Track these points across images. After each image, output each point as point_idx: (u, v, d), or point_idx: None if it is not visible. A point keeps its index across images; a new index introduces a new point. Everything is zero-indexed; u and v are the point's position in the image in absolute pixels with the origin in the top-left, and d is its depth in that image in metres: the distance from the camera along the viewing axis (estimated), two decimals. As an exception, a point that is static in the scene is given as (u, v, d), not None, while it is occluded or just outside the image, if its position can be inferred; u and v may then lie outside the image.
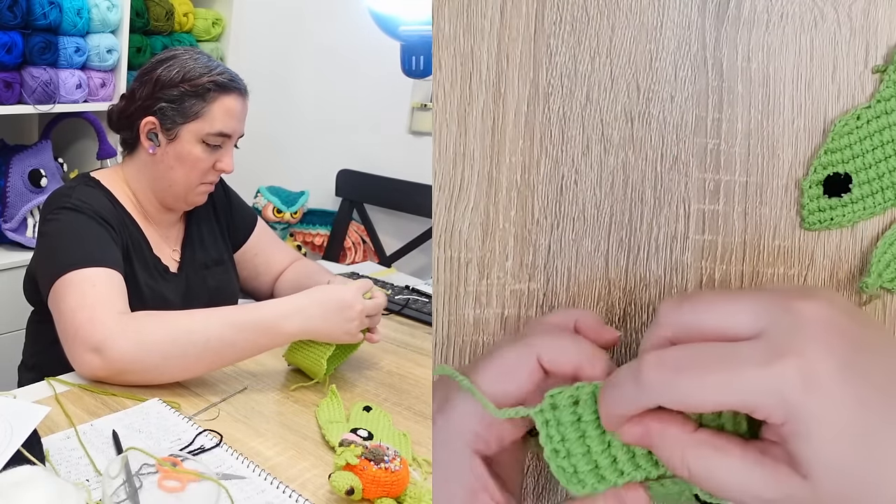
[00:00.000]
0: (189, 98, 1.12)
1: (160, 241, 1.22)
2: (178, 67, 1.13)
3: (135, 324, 0.96)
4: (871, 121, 0.60)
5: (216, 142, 1.14)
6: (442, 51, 0.57)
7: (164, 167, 1.16)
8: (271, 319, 0.99)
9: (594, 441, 0.45)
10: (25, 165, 1.85)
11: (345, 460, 0.76)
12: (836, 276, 0.61)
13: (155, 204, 1.20)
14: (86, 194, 1.12)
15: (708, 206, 0.60)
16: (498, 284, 0.59)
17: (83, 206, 1.09)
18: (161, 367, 0.95)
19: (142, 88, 1.15)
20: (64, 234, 1.06)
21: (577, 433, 0.45)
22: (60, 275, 0.99)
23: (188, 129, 1.13)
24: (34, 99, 1.78)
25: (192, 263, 1.25)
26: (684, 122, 0.59)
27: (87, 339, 0.93)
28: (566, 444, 0.45)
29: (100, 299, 0.97)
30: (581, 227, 0.59)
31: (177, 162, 1.15)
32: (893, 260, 0.60)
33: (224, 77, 1.14)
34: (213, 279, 1.28)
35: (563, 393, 0.45)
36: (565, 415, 0.45)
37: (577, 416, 0.45)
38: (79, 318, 0.95)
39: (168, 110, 1.12)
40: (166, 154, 1.15)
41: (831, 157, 0.60)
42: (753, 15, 0.59)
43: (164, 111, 1.12)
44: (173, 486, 0.63)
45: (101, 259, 1.02)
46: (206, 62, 1.15)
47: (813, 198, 0.60)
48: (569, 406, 0.45)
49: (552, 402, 0.45)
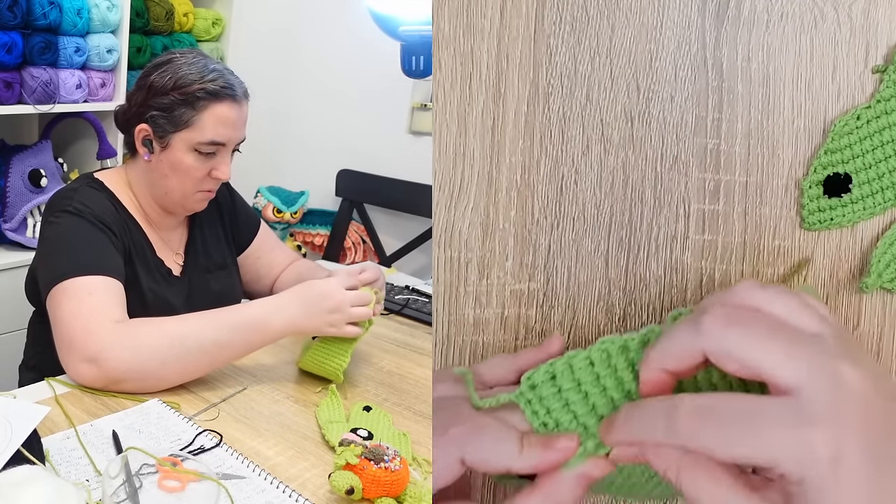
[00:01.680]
0: (179, 106, 1.09)
1: (163, 245, 1.21)
2: (170, 74, 1.10)
3: (130, 332, 0.95)
4: (871, 121, 0.60)
5: (209, 150, 1.12)
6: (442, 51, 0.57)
7: (159, 175, 1.14)
8: (260, 318, 1.00)
9: (578, 406, 0.47)
10: (25, 165, 1.85)
11: (345, 460, 0.76)
12: (836, 276, 0.61)
13: (156, 208, 1.19)
14: (88, 197, 1.11)
15: (708, 206, 0.60)
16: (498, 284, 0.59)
17: (84, 210, 1.08)
18: (159, 374, 0.95)
19: (137, 94, 1.13)
20: (63, 240, 1.05)
21: (560, 403, 0.47)
22: (57, 282, 0.99)
23: (179, 138, 1.11)
24: (34, 99, 1.78)
25: (196, 267, 1.25)
26: (684, 122, 0.59)
27: (83, 350, 0.93)
28: (553, 416, 0.47)
29: (96, 308, 0.96)
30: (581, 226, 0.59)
31: (170, 170, 1.13)
32: (893, 260, 0.60)
33: (216, 84, 1.10)
34: (217, 283, 1.27)
35: (539, 371, 0.48)
36: (545, 389, 0.48)
37: (557, 388, 0.47)
38: (74, 328, 0.94)
39: (159, 118, 1.10)
40: (160, 162, 1.13)
41: (831, 158, 0.60)
42: (753, 15, 0.59)
43: (156, 119, 1.10)
44: (173, 486, 0.63)
45: (98, 267, 1.02)
46: (200, 68, 1.11)
47: (813, 198, 0.60)
48: (547, 381, 0.48)
49: (530, 382, 0.48)
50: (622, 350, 0.47)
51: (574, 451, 0.46)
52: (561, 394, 0.47)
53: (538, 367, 0.48)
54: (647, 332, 0.48)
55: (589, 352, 0.48)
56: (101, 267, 1.02)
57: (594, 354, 0.47)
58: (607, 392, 0.47)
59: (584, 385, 0.47)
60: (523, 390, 0.48)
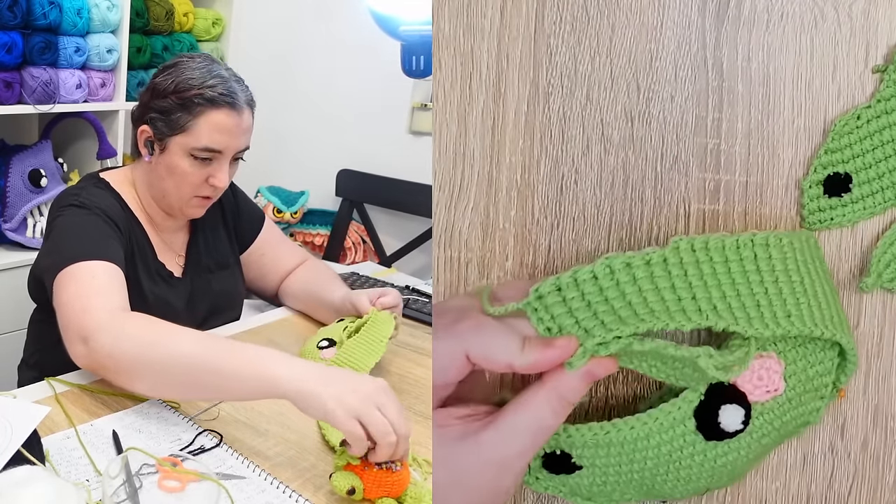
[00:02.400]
0: (177, 110, 1.09)
1: (165, 247, 1.21)
2: (173, 77, 1.10)
3: (122, 321, 0.94)
4: (871, 120, 0.60)
5: (204, 156, 1.11)
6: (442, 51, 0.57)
7: (157, 176, 1.14)
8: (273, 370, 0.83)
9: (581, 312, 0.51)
10: (25, 165, 1.85)
11: (346, 460, 0.76)
12: (837, 276, 0.61)
13: (158, 210, 1.19)
14: (95, 195, 1.12)
15: (708, 205, 0.60)
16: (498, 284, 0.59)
17: (91, 203, 1.09)
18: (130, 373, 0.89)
19: (144, 95, 1.14)
20: (69, 229, 1.06)
21: (564, 310, 0.51)
22: (63, 267, 0.99)
23: (175, 142, 1.10)
24: (34, 99, 1.77)
25: (197, 267, 1.25)
26: (684, 121, 0.59)
27: (78, 329, 0.92)
28: (556, 321, 0.51)
29: (98, 290, 0.96)
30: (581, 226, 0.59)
31: (167, 173, 1.13)
32: (893, 260, 0.60)
33: (215, 91, 1.09)
34: (218, 283, 1.27)
35: (546, 283, 0.52)
36: (551, 298, 0.52)
37: (562, 298, 0.51)
38: (74, 308, 0.94)
39: (158, 121, 1.11)
40: (159, 164, 1.13)
41: (831, 157, 0.60)
42: (753, 15, 0.59)
43: (155, 121, 1.11)
44: (173, 486, 0.63)
45: (102, 253, 1.02)
46: (203, 73, 1.10)
47: (813, 197, 0.60)
48: (553, 291, 0.52)
49: (538, 293, 0.52)
50: (625, 266, 0.51)
51: (572, 350, 0.50)
52: (565, 302, 0.51)
53: (545, 279, 0.52)
54: (650, 252, 0.51)
55: (592, 266, 0.51)
56: (104, 253, 1.02)
57: (598, 269, 0.51)
58: (609, 301, 0.51)
59: (588, 296, 0.51)
60: (531, 300, 0.52)
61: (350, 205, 2.46)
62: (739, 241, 0.53)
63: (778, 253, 0.53)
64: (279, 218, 2.41)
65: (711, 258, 0.52)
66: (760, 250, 0.53)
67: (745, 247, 0.53)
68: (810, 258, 0.56)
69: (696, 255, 0.52)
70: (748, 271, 0.52)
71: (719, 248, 0.52)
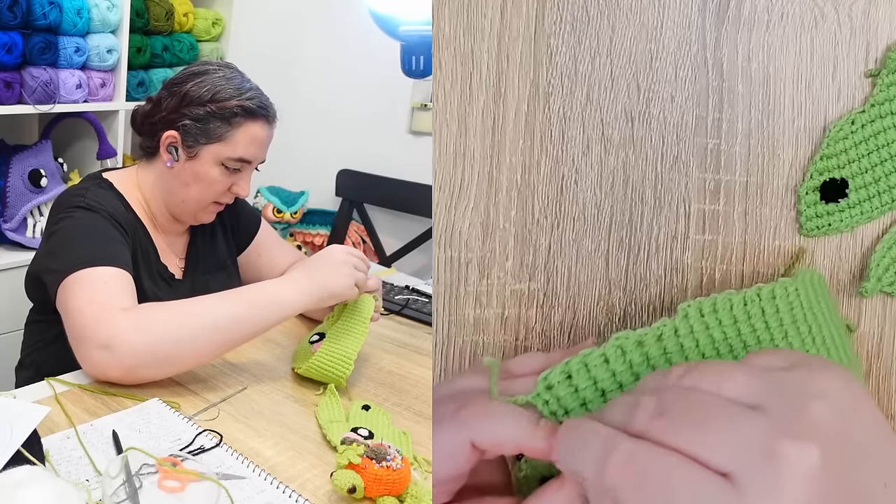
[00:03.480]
0: (214, 119, 1.10)
1: (167, 250, 1.22)
2: (208, 85, 1.11)
3: (142, 315, 0.95)
4: (865, 125, 0.59)
5: (235, 166, 1.13)
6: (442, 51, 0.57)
7: (180, 183, 1.15)
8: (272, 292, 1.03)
9: (595, 404, 0.48)
10: (25, 165, 1.85)
11: (347, 459, 0.76)
12: (837, 277, 0.61)
13: (165, 214, 1.20)
14: (100, 195, 1.11)
15: (708, 206, 0.60)
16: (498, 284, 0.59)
17: (97, 205, 1.08)
18: (173, 356, 0.95)
19: (169, 99, 1.13)
20: (77, 232, 1.06)
21: (577, 402, 0.48)
22: (70, 272, 0.99)
23: (209, 150, 1.11)
24: (34, 99, 1.78)
25: (197, 269, 1.26)
26: (684, 122, 0.59)
27: (96, 337, 0.93)
28: (571, 415, 0.47)
29: (110, 296, 0.96)
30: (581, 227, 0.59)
31: (193, 180, 1.14)
32: (892, 264, 0.60)
33: (253, 103, 1.12)
34: (216, 284, 1.27)
35: (554, 371, 0.48)
36: (562, 389, 0.48)
37: (573, 388, 0.48)
38: (87, 316, 0.94)
39: (192, 128, 1.11)
40: (183, 170, 1.13)
41: (827, 163, 0.60)
42: (753, 15, 0.59)
43: (188, 128, 1.11)
44: (173, 486, 0.63)
45: (112, 258, 1.02)
46: (238, 83, 1.13)
47: (810, 204, 0.60)
48: (563, 381, 0.48)
49: (546, 383, 0.48)
50: (637, 345, 0.48)
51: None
52: (578, 393, 0.48)
53: (553, 367, 0.48)
54: (660, 326, 0.48)
55: (603, 349, 0.48)
56: (114, 258, 1.02)
57: (609, 351, 0.47)
58: (624, 389, 0.47)
59: (601, 383, 0.47)
60: (540, 391, 0.48)
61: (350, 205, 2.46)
62: (746, 298, 0.51)
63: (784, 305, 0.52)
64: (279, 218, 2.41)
65: (720, 321, 0.50)
66: (767, 304, 0.51)
67: (752, 303, 0.51)
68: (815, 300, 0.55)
69: (705, 321, 0.50)
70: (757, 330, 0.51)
71: (727, 308, 0.50)
